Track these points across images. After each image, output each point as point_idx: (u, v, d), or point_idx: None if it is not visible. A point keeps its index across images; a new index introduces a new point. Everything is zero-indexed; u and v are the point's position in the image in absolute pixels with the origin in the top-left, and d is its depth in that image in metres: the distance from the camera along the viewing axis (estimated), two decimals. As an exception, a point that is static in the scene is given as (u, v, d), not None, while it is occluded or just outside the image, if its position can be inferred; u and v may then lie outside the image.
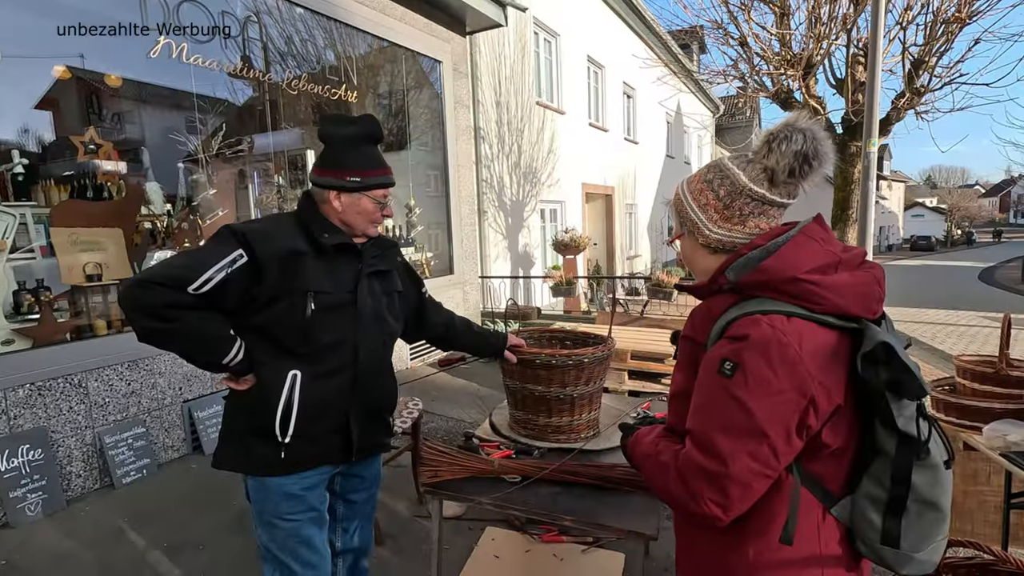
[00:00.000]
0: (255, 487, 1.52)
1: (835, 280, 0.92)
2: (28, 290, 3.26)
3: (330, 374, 1.50)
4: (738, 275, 0.97)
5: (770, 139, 0.97)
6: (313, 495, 1.55)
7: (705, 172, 1.06)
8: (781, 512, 0.94)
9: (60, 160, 3.52)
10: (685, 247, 1.11)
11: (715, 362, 0.92)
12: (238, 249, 1.37)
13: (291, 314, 1.42)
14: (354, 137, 1.52)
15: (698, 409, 0.95)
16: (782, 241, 0.96)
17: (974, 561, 1.21)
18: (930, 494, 0.91)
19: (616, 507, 1.65)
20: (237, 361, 1.41)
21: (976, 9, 5.21)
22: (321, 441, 1.52)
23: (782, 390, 0.86)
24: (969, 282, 17.97)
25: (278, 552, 1.53)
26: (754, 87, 6.37)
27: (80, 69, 3.53)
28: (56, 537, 2.75)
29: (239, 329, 1.44)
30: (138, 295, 1.31)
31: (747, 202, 1.00)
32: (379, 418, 1.68)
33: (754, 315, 0.91)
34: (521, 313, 6.39)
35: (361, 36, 5.22)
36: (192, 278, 1.31)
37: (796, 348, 0.87)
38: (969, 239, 45.56)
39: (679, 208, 1.09)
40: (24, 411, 2.94)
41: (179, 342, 1.37)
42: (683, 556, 1.14)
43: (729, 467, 0.88)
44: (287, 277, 1.42)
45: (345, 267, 1.53)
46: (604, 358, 2.08)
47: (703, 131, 19.73)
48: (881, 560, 0.95)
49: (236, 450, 1.50)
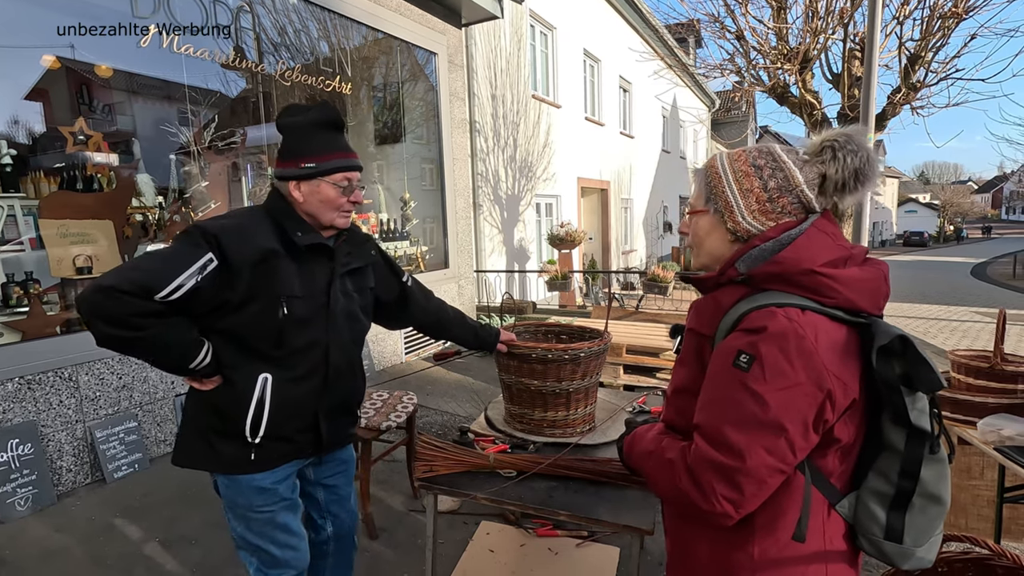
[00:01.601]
0: (225, 483, 1.50)
1: (847, 274, 0.91)
2: (17, 283, 3.22)
3: (302, 377, 1.48)
4: (749, 267, 0.95)
5: (835, 146, 0.94)
6: (284, 486, 1.54)
7: (755, 156, 1.00)
8: (788, 509, 0.93)
9: (49, 151, 3.47)
10: (703, 224, 1.05)
11: (730, 354, 0.90)
12: (208, 253, 1.30)
13: (263, 318, 1.38)
14: (309, 124, 1.45)
15: (710, 403, 0.93)
16: (796, 234, 0.94)
17: (970, 556, 1.21)
18: (935, 488, 0.91)
19: (612, 502, 1.64)
20: (204, 365, 1.37)
21: (972, 4, 5.21)
22: (291, 439, 1.51)
23: (799, 383, 0.85)
24: (961, 278, 18.10)
25: (255, 539, 1.53)
26: (751, 81, 6.35)
27: (70, 60, 3.47)
28: (47, 532, 2.73)
29: (207, 331, 1.39)
30: (100, 302, 1.22)
31: (792, 201, 0.97)
32: (348, 412, 1.68)
33: (769, 307, 0.89)
34: (516, 307, 6.37)
35: (356, 27, 5.16)
36: (160, 286, 1.24)
37: (812, 341, 0.86)
38: (959, 235, 45.89)
39: (714, 184, 1.03)
40: (13, 405, 2.90)
41: (143, 350, 1.31)
42: (678, 554, 1.11)
43: (745, 462, 0.86)
44: (259, 281, 1.36)
45: (318, 269, 1.49)
46: (600, 352, 2.07)
47: (698, 126, 19.73)
48: (883, 555, 0.95)
49: (201, 448, 1.46)
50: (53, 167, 3.43)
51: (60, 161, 3.45)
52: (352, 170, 1.49)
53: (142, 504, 2.97)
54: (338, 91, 5.00)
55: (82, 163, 3.48)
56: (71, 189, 3.44)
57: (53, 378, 3.04)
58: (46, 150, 3.47)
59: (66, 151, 3.41)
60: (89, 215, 3.43)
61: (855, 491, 0.96)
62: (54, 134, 3.45)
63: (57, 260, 3.28)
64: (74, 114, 3.53)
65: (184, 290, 1.26)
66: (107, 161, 3.61)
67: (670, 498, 0.99)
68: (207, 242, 1.30)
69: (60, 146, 3.43)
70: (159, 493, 3.09)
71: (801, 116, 6.18)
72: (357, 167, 1.51)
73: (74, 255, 3.33)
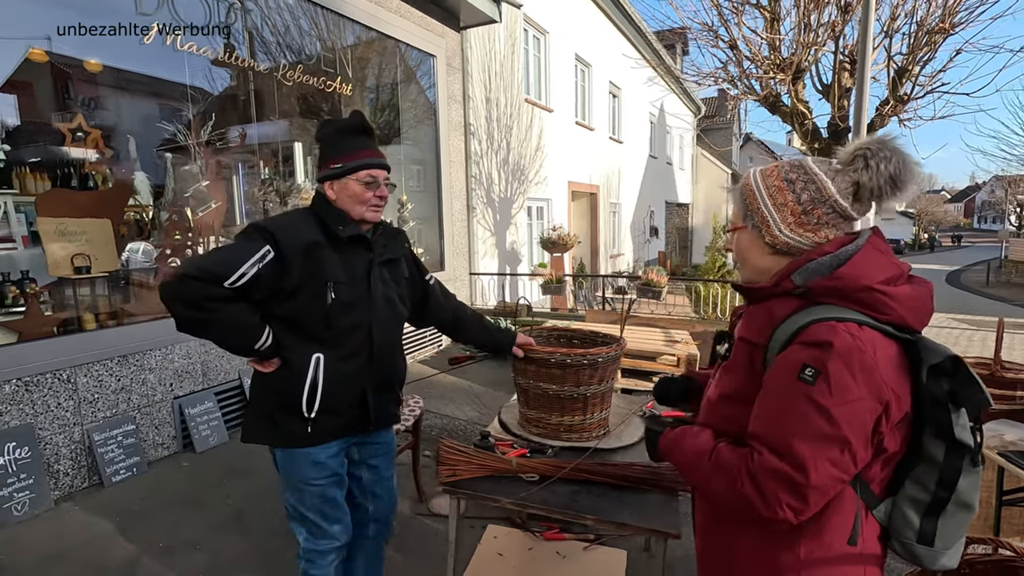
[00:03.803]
0: (283, 457, 1.67)
1: (901, 292, 0.94)
2: (12, 282, 3.14)
3: (349, 355, 1.64)
4: (806, 280, 0.98)
5: (867, 154, 0.96)
6: (335, 461, 1.71)
7: (787, 170, 1.03)
8: (834, 512, 0.96)
9: (46, 147, 3.39)
10: (743, 240, 1.08)
11: (794, 367, 0.92)
12: (266, 246, 1.50)
13: (313, 303, 1.56)
14: (337, 131, 1.67)
15: (772, 414, 0.95)
16: (853, 250, 0.97)
17: (993, 557, 1.26)
18: (969, 497, 0.95)
19: (634, 506, 1.66)
20: (266, 347, 1.55)
21: (959, 20, 5.37)
22: (343, 414, 1.67)
23: (861, 397, 0.88)
24: (937, 285, 18.47)
25: (306, 512, 1.69)
26: (743, 90, 6.46)
27: (66, 55, 3.39)
28: (45, 537, 2.66)
29: (267, 317, 1.57)
30: (179, 287, 1.43)
31: (827, 212, 0.99)
32: (391, 391, 1.83)
33: (829, 321, 0.92)
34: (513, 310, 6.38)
35: (356, 28, 5.13)
36: (228, 273, 1.44)
37: (872, 356, 0.89)
38: (932, 243, 46.98)
39: (749, 200, 1.06)
40: (10, 407, 2.83)
41: (215, 331, 1.50)
42: (714, 553, 1.14)
43: (811, 474, 0.88)
44: (309, 268, 1.55)
45: (358, 258, 1.66)
46: (617, 357, 2.10)
47: (685, 132, 19.96)
48: (913, 557, 0.99)
49: (265, 425, 1.64)
50: (48, 164, 3.35)
51: (56, 157, 3.38)
52: (376, 168, 1.65)
53: (142, 508, 2.92)
54: (339, 92, 4.97)
55: (79, 160, 3.42)
56: (66, 187, 3.37)
57: (51, 380, 2.97)
58: (41, 146, 3.40)
59: (64, 147, 3.35)
60: (87, 213, 3.36)
61: (891, 497, 0.99)
62: (50, 130, 3.38)
63: (54, 259, 3.21)
64: (64, 109, 3.46)
65: (247, 278, 1.46)
66: (105, 158, 3.54)
67: (723, 500, 1.00)
68: (263, 237, 1.51)
69: (56, 142, 3.36)
70: (159, 497, 3.04)
71: (793, 125, 6.30)
72: (381, 165, 1.67)
73: (72, 254, 3.27)
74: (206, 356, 3.75)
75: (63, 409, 3.03)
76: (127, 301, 3.64)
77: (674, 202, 20.46)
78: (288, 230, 1.55)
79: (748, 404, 1.01)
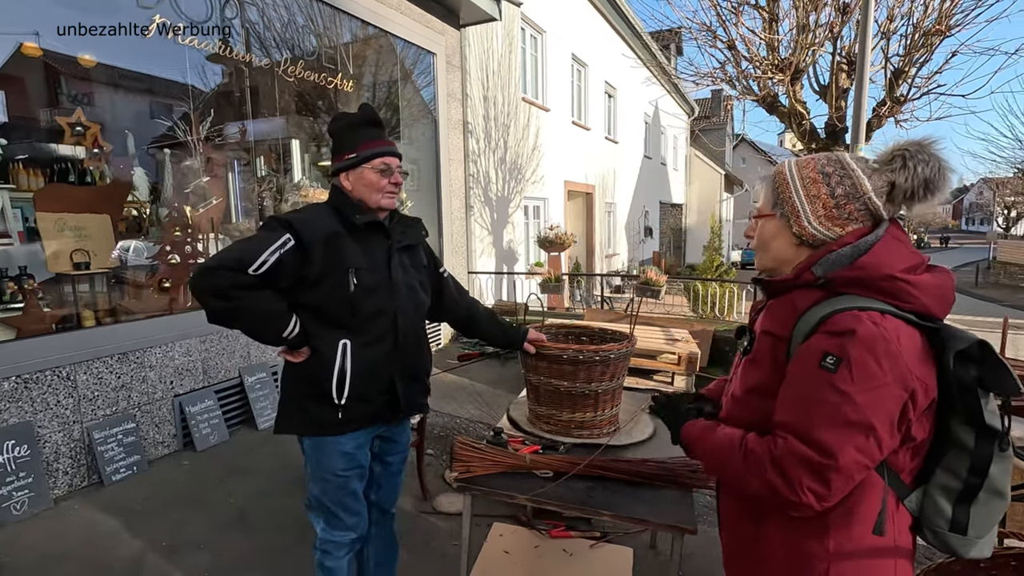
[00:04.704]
0: (312, 446, 1.70)
1: (923, 280, 0.95)
2: (10, 278, 3.10)
3: (375, 341, 1.67)
4: (827, 271, 0.98)
5: (906, 155, 0.96)
6: (362, 453, 1.74)
7: (823, 163, 1.03)
8: (862, 503, 0.96)
9: (43, 143, 3.35)
10: (768, 229, 1.08)
11: (815, 356, 0.93)
12: (286, 234, 1.54)
13: (336, 291, 1.60)
14: (348, 125, 1.71)
15: (796, 403, 0.95)
16: (873, 240, 0.97)
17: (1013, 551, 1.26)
18: (1000, 483, 0.95)
19: (650, 502, 1.66)
20: (295, 335, 1.58)
21: (955, 22, 5.42)
22: (372, 401, 1.70)
23: (886, 383, 0.88)
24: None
25: (329, 503, 1.72)
26: (742, 90, 6.48)
27: (63, 51, 3.35)
28: (45, 537, 2.63)
29: (293, 307, 1.61)
30: (205, 279, 1.49)
31: (859, 208, 0.99)
32: (418, 379, 1.84)
33: (852, 310, 0.92)
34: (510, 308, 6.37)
35: (357, 24, 5.10)
36: (252, 260, 1.49)
37: (896, 343, 0.89)
38: (920, 244, 47.51)
39: (781, 189, 1.06)
40: (9, 405, 2.79)
41: (244, 319, 1.55)
42: (743, 548, 1.13)
43: (837, 460, 0.89)
44: (330, 257, 1.58)
45: (377, 245, 1.69)
46: (628, 354, 2.10)
47: (679, 133, 20.03)
48: (946, 547, 0.99)
49: (296, 415, 1.68)
50: (45, 159, 3.31)
51: (54, 152, 3.33)
52: (389, 156, 1.68)
53: (144, 508, 2.88)
54: (340, 88, 4.94)
55: (78, 155, 3.37)
56: (64, 182, 3.32)
57: (51, 377, 2.93)
58: (40, 141, 3.35)
59: (63, 142, 3.30)
60: (86, 209, 3.32)
61: (922, 486, 1.00)
62: (48, 125, 3.34)
63: (53, 254, 3.17)
64: (57, 104, 3.41)
65: (269, 264, 1.50)
66: (104, 153, 3.50)
67: (750, 490, 1.00)
68: (283, 227, 1.55)
69: (54, 137, 3.32)
70: (160, 496, 3.00)
71: (790, 125, 6.34)
72: (393, 153, 1.70)
73: (71, 249, 3.22)
74: (207, 354, 3.72)
75: (62, 407, 2.99)
76: (126, 298, 3.60)
77: (668, 202, 20.55)
78: (307, 221, 1.59)
79: (774, 397, 1.01)
